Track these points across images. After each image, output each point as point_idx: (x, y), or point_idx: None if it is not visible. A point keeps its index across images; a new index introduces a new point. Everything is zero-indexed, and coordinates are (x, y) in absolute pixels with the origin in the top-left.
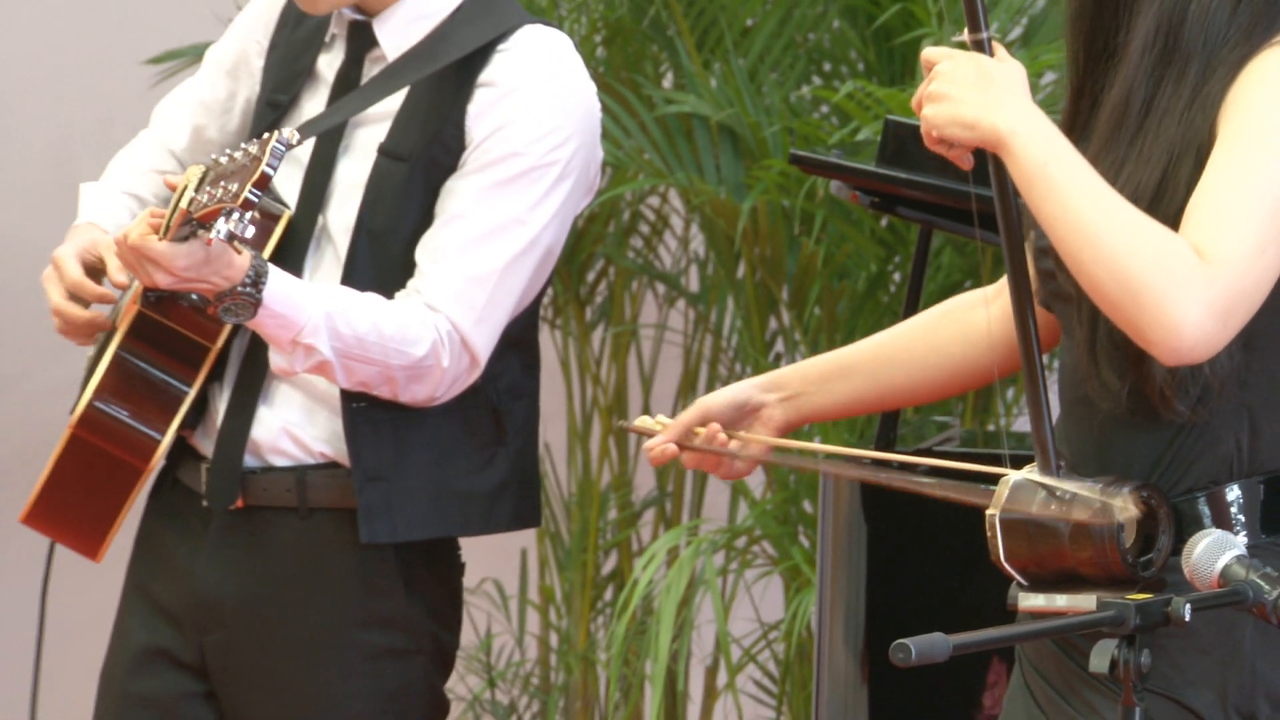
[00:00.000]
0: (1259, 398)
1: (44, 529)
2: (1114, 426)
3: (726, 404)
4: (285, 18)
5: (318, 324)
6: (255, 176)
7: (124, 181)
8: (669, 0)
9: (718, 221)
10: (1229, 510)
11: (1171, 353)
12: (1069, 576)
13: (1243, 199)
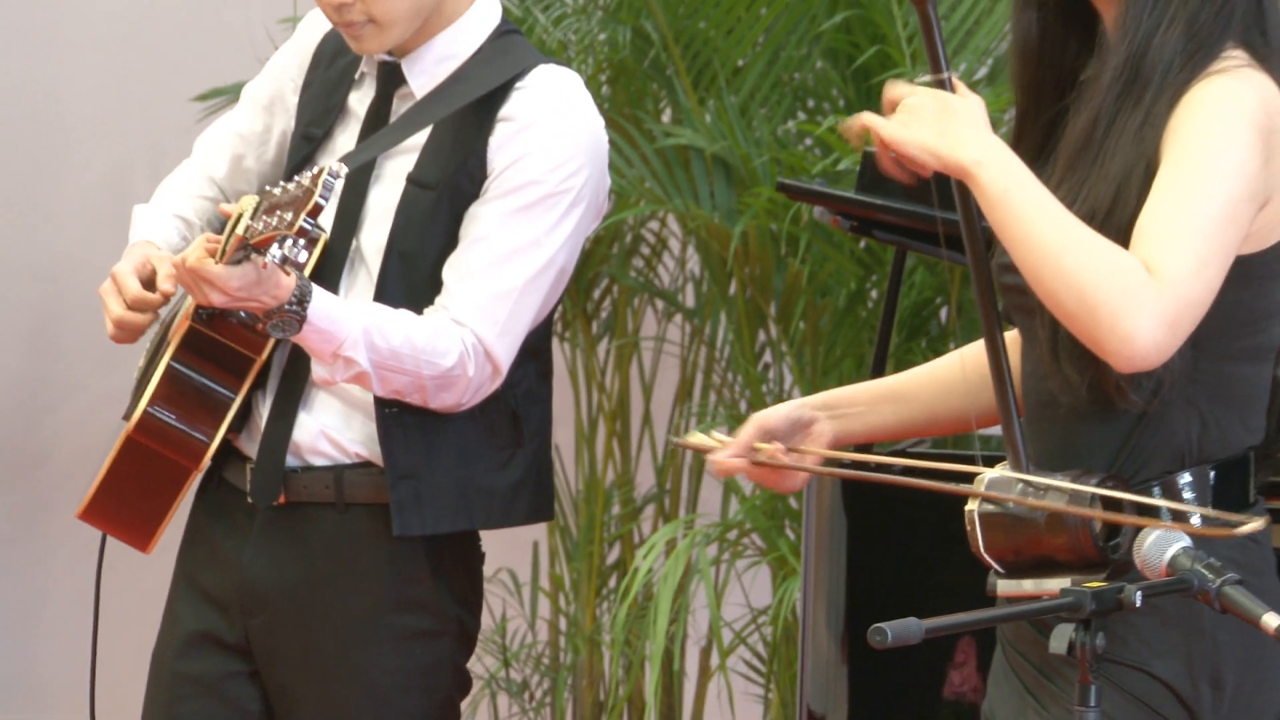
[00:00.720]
0: (1206, 394)
1: (98, 524)
2: (1075, 423)
3: (782, 419)
4: (319, 57)
5: (356, 339)
6: (309, 206)
7: (172, 205)
8: (667, 43)
9: (712, 244)
10: (1181, 495)
11: (1126, 360)
12: (1045, 563)
13: (1186, 219)
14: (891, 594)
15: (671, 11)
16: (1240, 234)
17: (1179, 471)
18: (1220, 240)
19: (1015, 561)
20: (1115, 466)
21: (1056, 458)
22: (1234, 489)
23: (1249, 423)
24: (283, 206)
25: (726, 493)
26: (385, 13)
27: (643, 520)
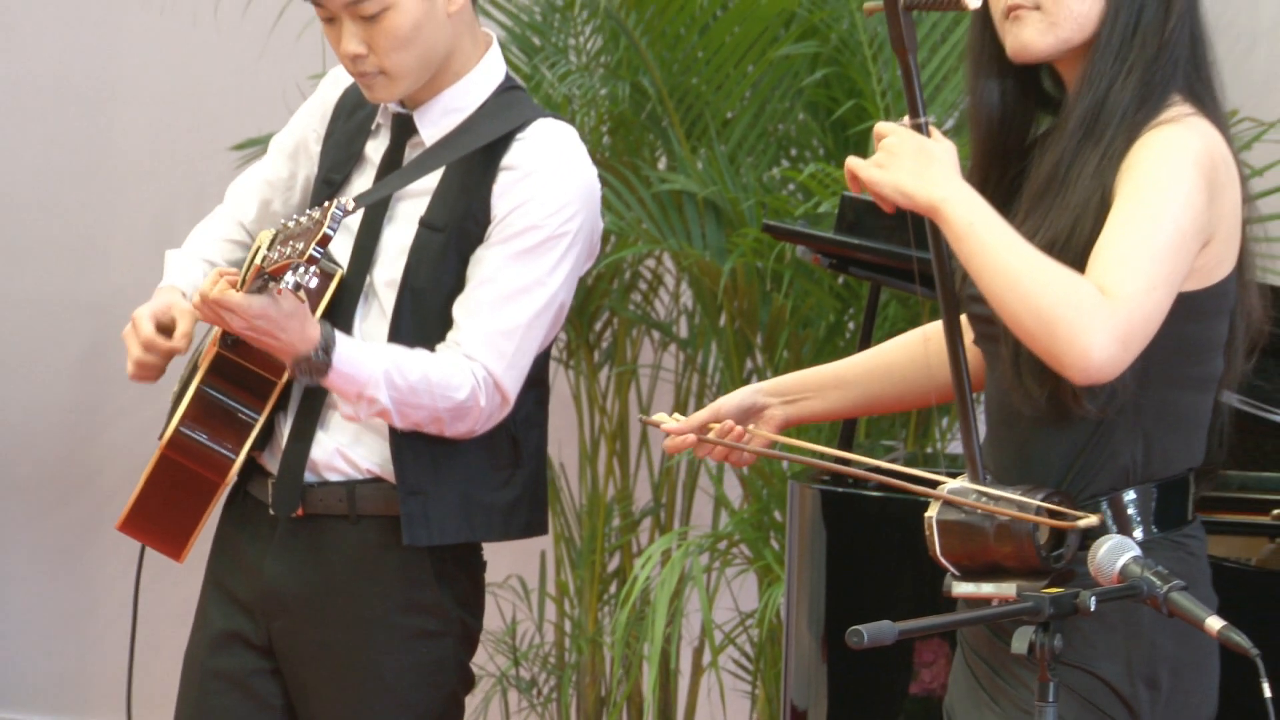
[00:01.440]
0: (1152, 419)
1: (136, 535)
2: (1033, 439)
3: (735, 405)
4: (339, 110)
5: (378, 380)
6: (318, 237)
7: (200, 250)
8: (663, 97)
9: (703, 280)
10: (1126, 511)
11: (1082, 373)
12: (994, 568)
13: (1136, 246)
14: (867, 599)
15: (666, 69)
16: (1186, 263)
17: (1124, 489)
18: (1168, 266)
19: (969, 566)
20: (1065, 482)
21: (1014, 471)
22: (1175, 506)
23: (1190, 446)
24: (295, 237)
25: (717, 507)
26: (395, 66)
27: (641, 532)
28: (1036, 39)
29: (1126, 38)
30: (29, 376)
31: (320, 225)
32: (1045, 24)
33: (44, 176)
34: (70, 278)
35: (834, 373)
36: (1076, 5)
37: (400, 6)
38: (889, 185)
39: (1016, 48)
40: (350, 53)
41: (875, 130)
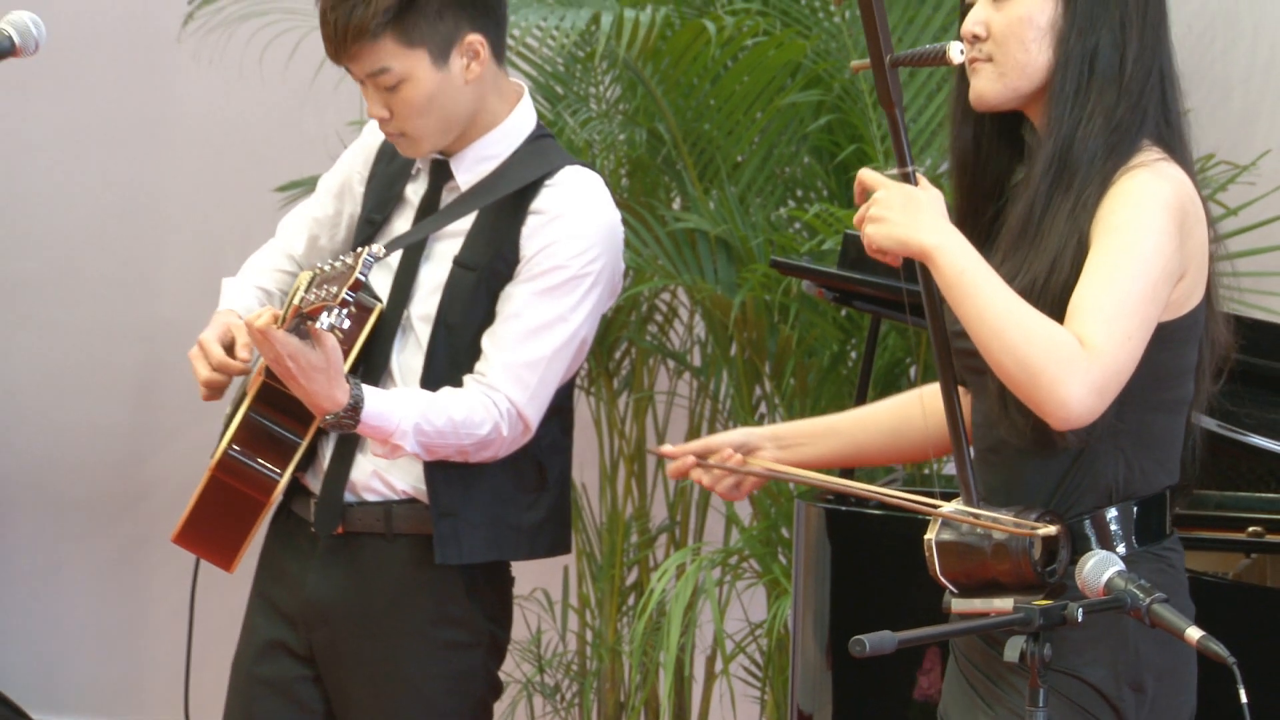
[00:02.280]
0: (1130, 441)
1: (189, 546)
2: (1019, 465)
3: (730, 441)
4: (381, 154)
5: (405, 430)
6: (350, 281)
7: (255, 278)
8: (677, 142)
9: (715, 312)
10: (1109, 528)
11: (1062, 422)
12: (991, 585)
13: (1112, 299)
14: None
15: (681, 115)
16: (1159, 308)
17: (1106, 507)
18: (1141, 316)
19: (966, 583)
20: (1052, 503)
21: (1002, 495)
22: (1154, 522)
23: (1167, 465)
24: (330, 281)
25: (728, 524)
26: (414, 130)
27: (657, 548)
28: (988, 88)
29: (1081, 85)
30: (85, 401)
31: (352, 270)
32: (995, 74)
33: (99, 213)
34: (123, 308)
35: (828, 423)
36: (1021, 56)
37: (415, 79)
38: (884, 237)
39: (974, 97)
40: (375, 116)
41: (859, 178)
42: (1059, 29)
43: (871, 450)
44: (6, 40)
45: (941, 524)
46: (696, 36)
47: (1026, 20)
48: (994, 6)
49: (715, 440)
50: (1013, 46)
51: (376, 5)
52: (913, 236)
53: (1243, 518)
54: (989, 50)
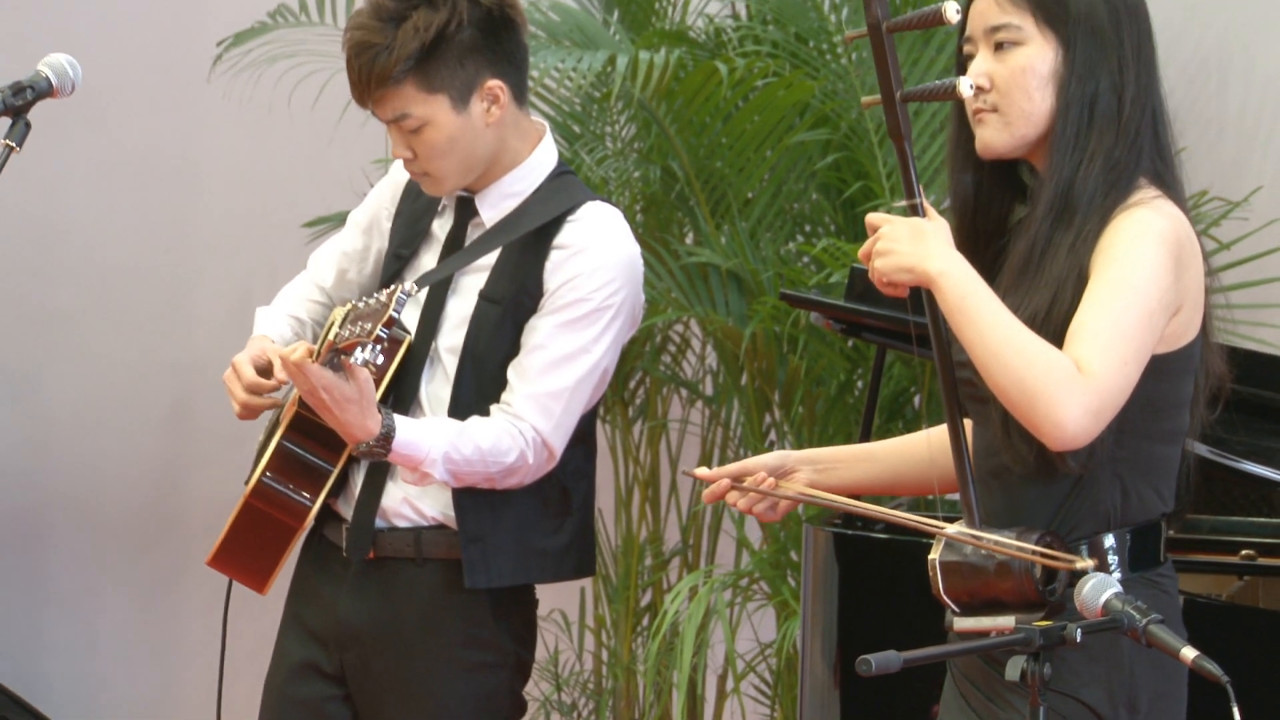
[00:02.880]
0: (1128, 469)
1: (224, 570)
2: (1021, 490)
3: (765, 464)
4: (408, 191)
5: (435, 459)
6: (385, 318)
7: (287, 306)
8: (690, 179)
9: (726, 343)
10: (1106, 553)
11: (1058, 442)
12: (993, 603)
13: (1109, 326)
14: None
15: (693, 154)
16: (1155, 337)
17: (1104, 533)
18: (1138, 343)
19: (969, 603)
20: (1051, 526)
21: (1004, 518)
22: (1149, 549)
23: (1162, 493)
24: (364, 317)
25: (739, 547)
26: (436, 170)
27: (670, 570)
28: (995, 138)
29: (1082, 129)
30: (121, 430)
31: (386, 308)
32: (1001, 123)
33: (133, 249)
34: (157, 339)
35: (865, 449)
36: (1025, 104)
37: (436, 123)
38: (892, 268)
39: (981, 146)
40: (399, 156)
41: (868, 221)
42: (1060, 76)
43: (906, 479)
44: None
45: (945, 545)
46: (708, 78)
47: (1029, 70)
48: (995, 58)
49: (751, 463)
50: (1017, 96)
51: (399, 53)
52: (918, 264)
53: (1236, 541)
54: (993, 100)
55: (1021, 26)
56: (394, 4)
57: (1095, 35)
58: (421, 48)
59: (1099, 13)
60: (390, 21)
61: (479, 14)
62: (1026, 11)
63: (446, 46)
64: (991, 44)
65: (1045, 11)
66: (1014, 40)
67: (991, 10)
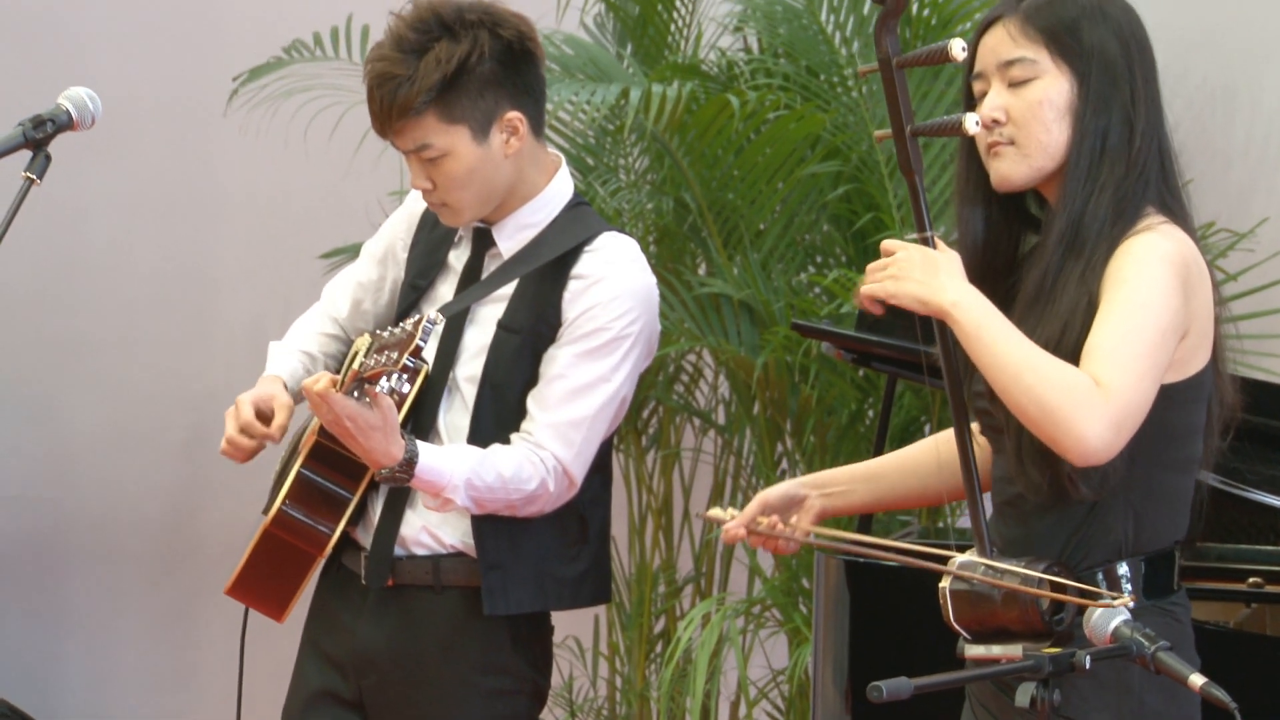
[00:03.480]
0: (1140, 498)
1: (242, 598)
2: (1036, 518)
3: (779, 496)
4: (424, 222)
5: (457, 485)
6: (411, 347)
7: (300, 342)
8: (703, 210)
9: (739, 373)
10: (1120, 581)
11: (1079, 456)
12: (1001, 632)
13: (1124, 341)
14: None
15: (706, 185)
16: (1167, 355)
17: (1117, 561)
18: (1152, 359)
19: (979, 630)
20: (1064, 555)
21: (1019, 546)
22: (1162, 577)
23: (1176, 521)
24: (390, 347)
25: (751, 575)
26: (455, 201)
27: (683, 597)
28: (1012, 170)
29: (1094, 160)
30: (140, 460)
31: (412, 337)
32: (1019, 156)
33: (152, 279)
34: (175, 370)
35: (867, 468)
36: (1043, 137)
37: (456, 153)
38: (905, 295)
39: (998, 179)
40: (418, 187)
41: (883, 246)
42: (1075, 109)
43: (910, 493)
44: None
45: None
46: (720, 110)
47: (1046, 102)
48: (1011, 92)
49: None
50: (1035, 128)
51: (420, 84)
52: (932, 296)
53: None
54: (1009, 133)
55: (1037, 60)
56: (415, 36)
57: (1108, 69)
58: (443, 79)
59: (1111, 47)
60: (412, 53)
61: (500, 47)
62: (1041, 45)
63: (467, 78)
64: (1005, 78)
65: (1060, 45)
66: (1030, 74)
67: (1005, 45)
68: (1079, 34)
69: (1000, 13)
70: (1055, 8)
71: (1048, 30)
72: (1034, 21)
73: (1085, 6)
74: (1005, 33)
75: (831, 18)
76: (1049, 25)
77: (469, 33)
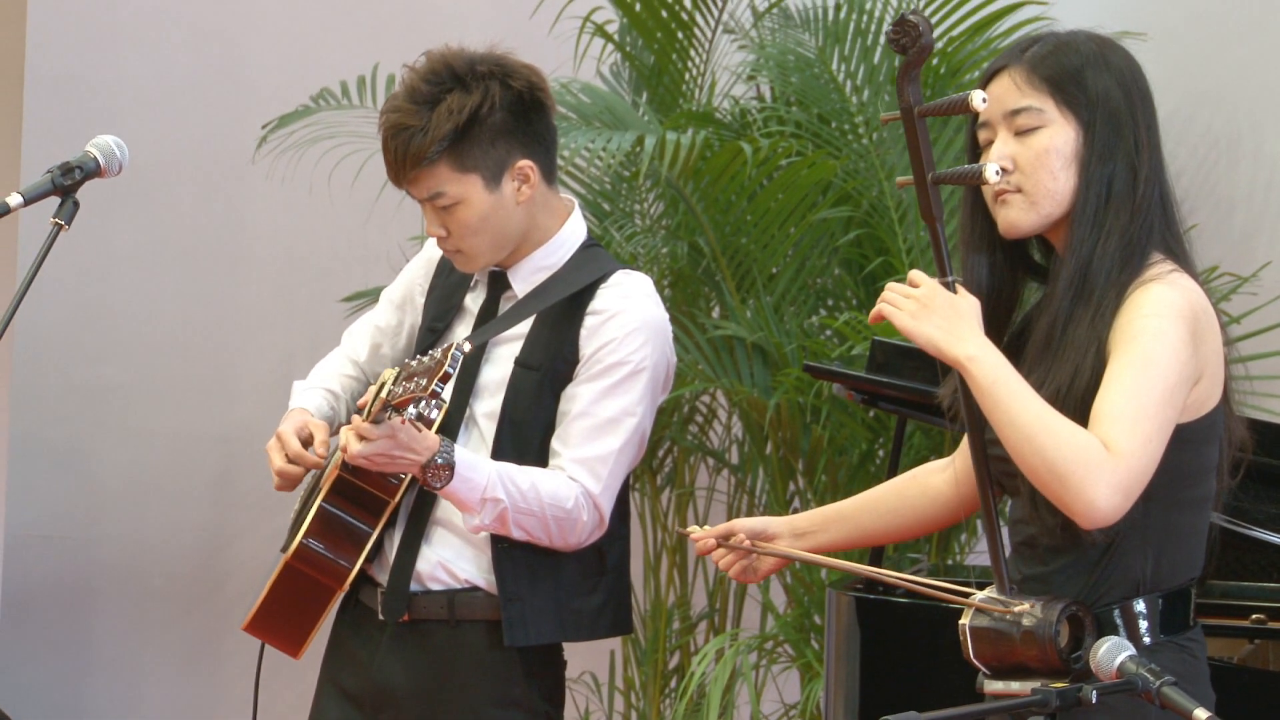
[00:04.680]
0: (1156, 537)
1: (259, 634)
2: (1051, 559)
3: (749, 527)
4: (441, 268)
5: (494, 480)
6: (440, 374)
7: (323, 381)
8: (716, 255)
9: (752, 413)
10: (1137, 618)
11: (1088, 521)
12: (1020, 669)
13: (1133, 405)
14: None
15: (719, 230)
16: (1176, 410)
17: (1134, 599)
18: (1161, 419)
19: (998, 666)
20: (1083, 594)
21: (1038, 584)
22: (1179, 614)
23: (1192, 558)
24: (418, 375)
25: (764, 611)
26: (469, 248)
27: (697, 633)
28: (1021, 218)
29: (1100, 206)
30: (165, 499)
31: (441, 365)
32: (1027, 204)
33: (180, 324)
34: (202, 413)
35: (837, 509)
36: (1051, 184)
37: (470, 202)
38: (922, 337)
39: (1006, 226)
40: (433, 234)
41: (910, 278)
42: (1081, 157)
43: (876, 531)
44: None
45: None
46: (734, 157)
47: (1053, 151)
48: (1017, 141)
49: (735, 524)
50: (1043, 176)
51: (433, 134)
52: (949, 346)
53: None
54: (1017, 181)
55: (1043, 110)
56: (428, 87)
57: (1112, 117)
58: (455, 129)
59: (1114, 95)
60: (425, 104)
61: (510, 97)
62: (1046, 95)
63: (479, 128)
64: (1012, 127)
65: (1065, 94)
66: (1036, 123)
67: (1011, 94)
68: (1084, 83)
69: (1004, 63)
70: (1059, 57)
71: (1053, 80)
72: (1039, 71)
73: (1089, 55)
74: (1011, 82)
75: (842, 67)
76: (1054, 74)
77: (480, 84)
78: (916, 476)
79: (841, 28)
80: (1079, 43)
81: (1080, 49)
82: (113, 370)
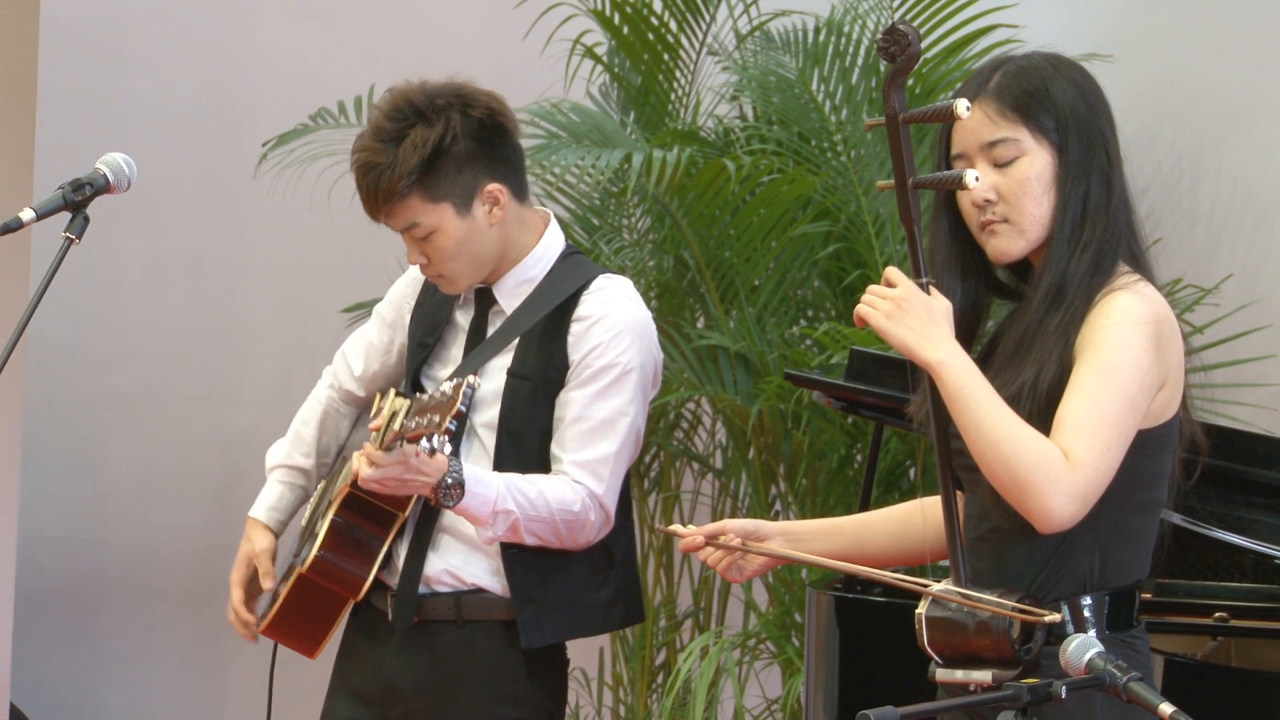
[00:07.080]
0: (1106, 537)
1: (276, 638)
2: (1007, 551)
3: (739, 527)
4: (427, 285)
5: (504, 493)
6: (453, 411)
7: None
8: (701, 267)
9: (735, 420)
10: (1083, 614)
11: (1045, 526)
12: (972, 658)
13: (1094, 414)
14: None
15: (704, 244)
16: (1138, 418)
17: (1082, 595)
18: (1120, 427)
19: (951, 655)
20: (1034, 587)
21: (991, 577)
22: (1124, 612)
23: (1139, 561)
24: (430, 410)
25: (747, 610)
26: (449, 272)
27: (683, 631)
28: (1010, 246)
29: (1077, 222)
30: (171, 504)
31: (454, 402)
32: (1015, 232)
33: (183, 335)
34: (206, 420)
35: (834, 523)
36: (1036, 210)
37: (444, 229)
38: (895, 338)
39: (996, 255)
40: (414, 262)
41: (886, 276)
42: (1059, 178)
43: (874, 551)
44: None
45: (932, 601)
46: (718, 174)
47: (1033, 179)
48: (998, 172)
49: (726, 524)
50: (1028, 204)
51: (400, 169)
52: (920, 349)
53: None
54: (1003, 212)
55: (1019, 139)
56: (391, 125)
57: (1083, 133)
58: (421, 162)
59: (1080, 110)
60: (390, 141)
61: (471, 125)
62: (1019, 123)
63: (445, 158)
64: (990, 158)
65: (1036, 122)
66: (1014, 153)
67: (985, 127)
68: (1051, 101)
69: (970, 94)
70: (1021, 81)
71: (1021, 107)
72: (1006, 99)
73: (1047, 73)
74: (983, 114)
75: (822, 87)
76: (1021, 101)
77: (441, 115)
78: (924, 507)
79: (821, 50)
80: (1035, 64)
81: (1038, 69)
82: (121, 379)
